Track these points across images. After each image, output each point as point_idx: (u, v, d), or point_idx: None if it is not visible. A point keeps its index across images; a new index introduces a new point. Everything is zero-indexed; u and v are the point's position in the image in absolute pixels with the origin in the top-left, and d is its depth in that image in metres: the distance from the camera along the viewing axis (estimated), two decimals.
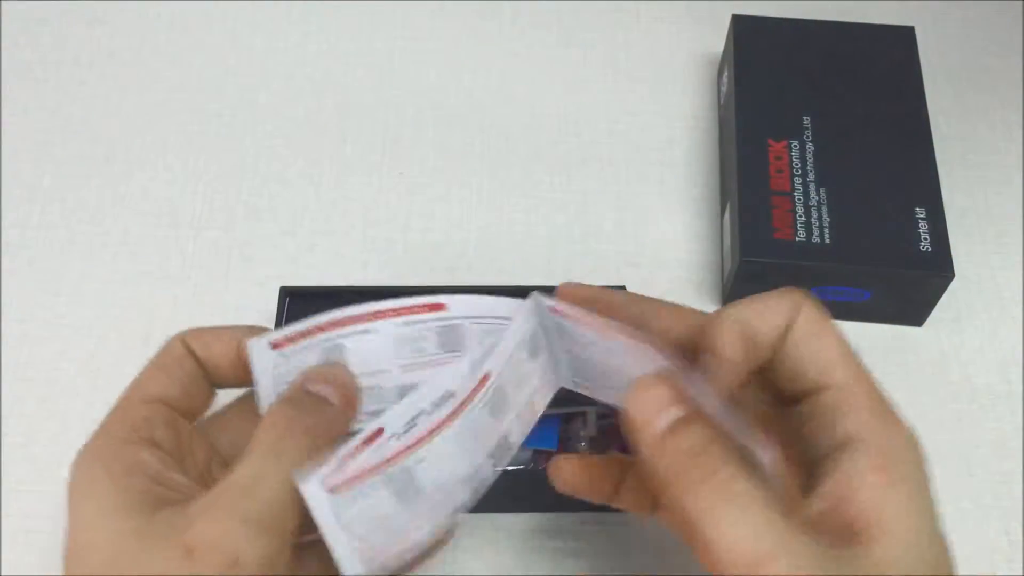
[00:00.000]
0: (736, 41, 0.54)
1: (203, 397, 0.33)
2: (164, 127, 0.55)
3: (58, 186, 0.52)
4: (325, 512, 0.28)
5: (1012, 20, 0.61)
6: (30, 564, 0.41)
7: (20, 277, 0.49)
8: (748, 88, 0.52)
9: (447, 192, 0.53)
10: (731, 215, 0.49)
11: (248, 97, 0.56)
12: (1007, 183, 0.54)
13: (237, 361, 0.33)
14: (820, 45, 0.53)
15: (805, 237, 0.46)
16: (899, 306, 0.48)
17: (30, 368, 0.46)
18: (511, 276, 0.50)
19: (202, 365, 0.33)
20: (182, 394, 0.32)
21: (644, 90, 0.58)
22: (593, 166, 0.55)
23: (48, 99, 0.56)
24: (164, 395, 0.32)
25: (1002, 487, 0.45)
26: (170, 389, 0.32)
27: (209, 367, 0.33)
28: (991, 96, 0.58)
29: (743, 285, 0.47)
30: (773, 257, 0.46)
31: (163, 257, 0.50)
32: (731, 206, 0.49)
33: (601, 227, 0.52)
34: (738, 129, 0.50)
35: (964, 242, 0.52)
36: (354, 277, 0.50)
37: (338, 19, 0.60)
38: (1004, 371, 0.48)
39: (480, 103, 0.57)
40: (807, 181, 0.48)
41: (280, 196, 0.53)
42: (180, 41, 0.58)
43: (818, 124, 0.50)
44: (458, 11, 0.61)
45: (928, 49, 0.58)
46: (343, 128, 0.55)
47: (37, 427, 0.45)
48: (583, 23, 0.61)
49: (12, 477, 0.43)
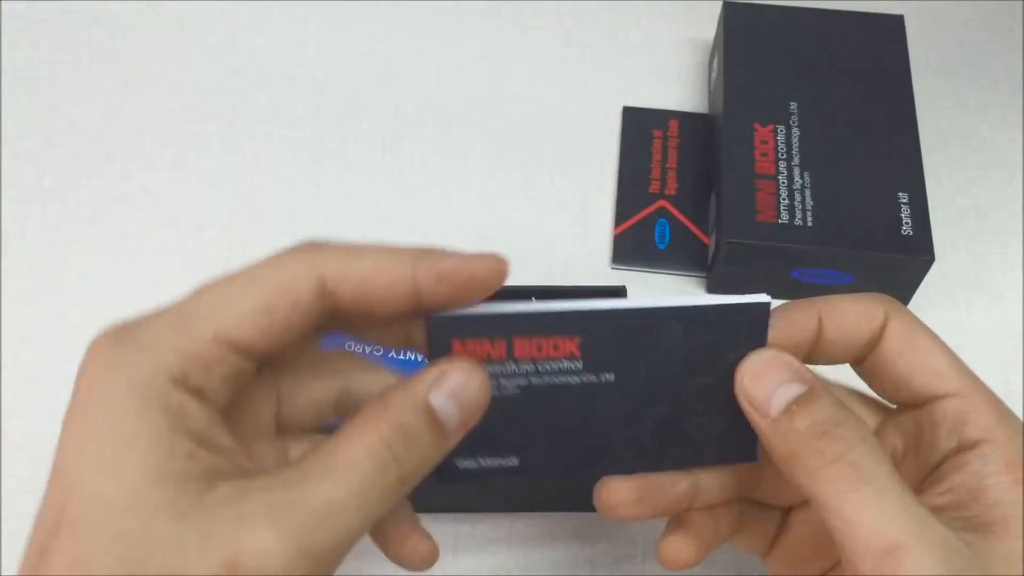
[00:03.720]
0: (726, 28, 0.54)
1: (298, 344, 0.26)
2: (164, 127, 0.55)
3: (58, 186, 0.52)
4: None
5: (1011, 17, 0.61)
6: None
7: (20, 277, 0.49)
8: (736, 73, 0.52)
9: (447, 192, 0.53)
10: (715, 197, 0.50)
11: (248, 97, 0.56)
12: (1008, 182, 0.55)
13: (409, 300, 0.26)
14: (809, 33, 0.54)
15: (788, 220, 0.47)
16: (881, 290, 0.48)
17: (30, 368, 0.46)
18: (511, 276, 0.50)
19: (334, 302, 0.26)
20: (273, 341, 0.25)
21: (644, 89, 0.58)
22: (593, 165, 0.55)
23: (48, 99, 0.56)
24: (249, 342, 0.25)
25: None
26: (261, 335, 0.25)
27: (348, 307, 0.26)
28: (990, 94, 0.58)
29: (725, 266, 0.48)
30: (755, 238, 0.47)
31: (163, 257, 0.50)
32: (715, 189, 0.50)
33: (601, 226, 0.52)
34: (725, 113, 0.51)
35: (965, 242, 0.52)
36: None
37: (338, 19, 0.60)
38: (985, 356, 0.48)
39: (480, 103, 0.57)
40: (791, 165, 0.49)
41: (280, 196, 0.53)
42: (180, 41, 0.58)
43: (805, 110, 0.51)
44: (458, 11, 0.61)
45: (928, 48, 0.58)
46: (343, 128, 0.55)
47: (37, 427, 0.45)
48: (583, 23, 0.61)
49: (12, 477, 0.43)
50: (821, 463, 0.26)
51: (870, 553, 0.25)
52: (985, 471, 0.27)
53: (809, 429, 0.27)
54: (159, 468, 0.22)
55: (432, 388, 0.26)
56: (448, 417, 0.26)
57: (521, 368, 0.29)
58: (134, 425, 0.23)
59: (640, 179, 0.54)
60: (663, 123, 0.56)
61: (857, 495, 0.25)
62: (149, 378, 0.23)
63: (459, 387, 0.26)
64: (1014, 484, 0.27)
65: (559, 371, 0.29)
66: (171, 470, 0.23)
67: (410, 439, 0.25)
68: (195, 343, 0.24)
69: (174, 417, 0.23)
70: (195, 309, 0.25)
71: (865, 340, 0.30)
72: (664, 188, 0.53)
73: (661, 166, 0.54)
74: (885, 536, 0.25)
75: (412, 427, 0.25)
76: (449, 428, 0.26)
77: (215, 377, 0.24)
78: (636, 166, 0.54)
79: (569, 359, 0.29)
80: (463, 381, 0.26)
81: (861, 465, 0.26)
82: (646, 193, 0.53)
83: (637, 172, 0.54)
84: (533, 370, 0.29)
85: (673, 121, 0.56)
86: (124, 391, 0.23)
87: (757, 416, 0.28)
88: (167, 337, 0.24)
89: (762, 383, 0.28)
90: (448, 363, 0.27)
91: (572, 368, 0.29)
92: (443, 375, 0.26)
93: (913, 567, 0.24)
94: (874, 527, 0.25)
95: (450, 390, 0.26)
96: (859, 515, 0.25)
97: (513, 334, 0.28)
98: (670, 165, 0.54)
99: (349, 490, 0.24)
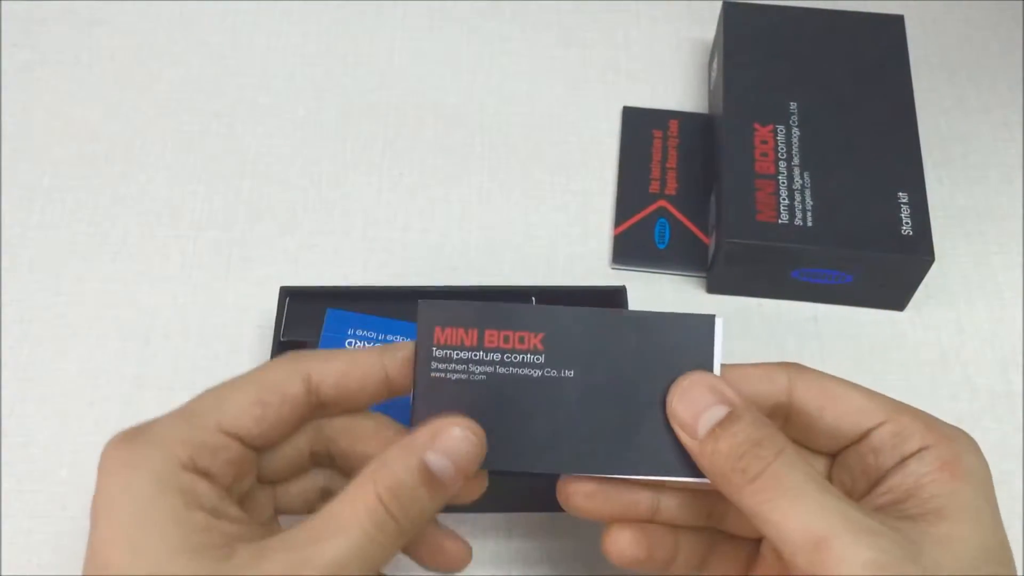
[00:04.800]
0: (726, 28, 0.54)
1: (289, 433, 0.31)
2: (164, 127, 0.55)
3: (58, 186, 0.52)
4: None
5: (1011, 17, 0.61)
6: (30, 564, 0.41)
7: (20, 277, 0.49)
8: (736, 73, 0.52)
9: (447, 192, 0.53)
10: (715, 197, 0.50)
11: (248, 97, 0.56)
12: (1008, 182, 0.54)
13: (381, 386, 0.31)
14: (809, 32, 0.54)
15: (788, 219, 0.47)
16: (881, 290, 0.49)
17: (30, 368, 0.46)
18: (511, 276, 0.50)
19: (318, 397, 0.30)
20: (268, 431, 0.29)
21: (644, 89, 0.58)
22: (593, 165, 0.55)
23: (48, 99, 0.56)
24: (248, 433, 0.29)
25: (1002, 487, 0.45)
26: (257, 426, 0.29)
27: (330, 399, 0.30)
28: (990, 94, 0.58)
29: (725, 266, 0.48)
30: (755, 239, 0.47)
31: (163, 257, 0.50)
32: (715, 189, 0.50)
33: (601, 226, 0.52)
34: (725, 113, 0.51)
35: (965, 242, 0.52)
36: (354, 277, 0.50)
37: (338, 19, 0.60)
38: (985, 356, 0.48)
39: (480, 103, 0.57)
40: (791, 165, 0.49)
41: (280, 196, 0.53)
42: (180, 41, 0.58)
43: (804, 109, 0.51)
44: (458, 11, 0.61)
45: (928, 48, 0.58)
46: (343, 128, 0.55)
47: (37, 427, 0.45)
48: (583, 23, 0.61)
49: (12, 477, 0.43)
50: (745, 480, 0.28)
51: (800, 550, 0.26)
52: (921, 471, 0.29)
53: (731, 450, 0.28)
54: (181, 541, 0.26)
55: (427, 448, 0.28)
56: (443, 471, 0.28)
57: (489, 356, 0.31)
58: (154, 507, 0.26)
59: (640, 179, 0.54)
60: (663, 123, 0.56)
61: (781, 502, 0.27)
62: (162, 466, 0.27)
63: (453, 447, 0.29)
64: (950, 479, 0.29)
65: (523, 363, 0.31)
66: (191, 541, 0.26)
67: (406, 497, 0.28)
68: (200, 433, 0.28)
69: (188, 496, 0.27)
70: (199, 407, 0.29)
71: (771, 406, 0.32)
72: (664, 188, 0.53)
73: (661, 166, 0.54)
74: (810, 531, 0.26)
75: (408, 485, 0.28)
76: (445, 482, 0.29)
77: (219, 461, 0.28)
78: (636, 166, 0.54)
79: (533, 352, 0.32)
80: (456, 443, 0.29)
81: (780, 475, 0.28)
82: (646, 193, 0.53)
83: (637, 172, 0.54)
84: (500, 359, 0.31)
85: (673, 121, 0.56)
86: (142, 479, 0.26)
87: (686, 437, 0.30)
88: (175, 432, 0.28)
89: (690, 405, 0.30)
90: (443, 423, 0.29)
91: (535, 361, 0.32)
92: (438, 434, 0.29)
93: (841, 555, 0.26)
94: (799, 526, 0.27)
95: (444, 449, 0.28)
96: (784, 519, 0.27)
97: (485, 326, 0.31)
98: (670, 165, 0.54)
99: (351, 548, 0.27)
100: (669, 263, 0.51)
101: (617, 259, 0.51)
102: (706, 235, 0.51)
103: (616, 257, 0.51)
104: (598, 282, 0.50)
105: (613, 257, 0.51)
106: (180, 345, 0.47)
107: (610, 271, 0.51)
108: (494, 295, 0.45)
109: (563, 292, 0.47)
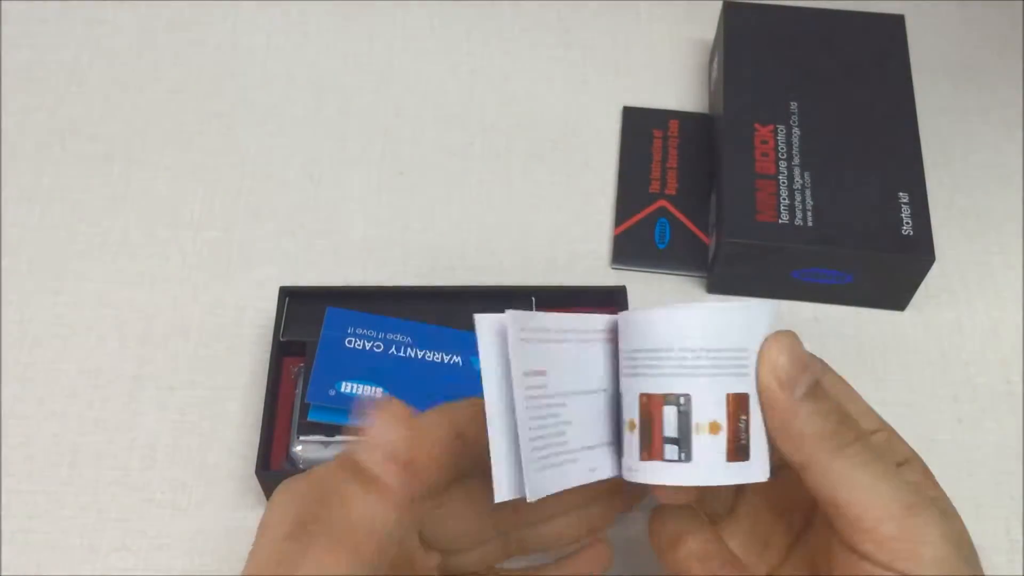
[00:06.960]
0: (726, 28, 0.54)
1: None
2: (164, 127, 0.55)
3: (58, 186, 0.52)
4: None
5: (1011, 17, 0.61)
6: (30, 564, 0.41)
7: (20, 277, 0.49)
8: (737, 73, 0.52)
9: (447, 192, 0.53)
10: (715, 197, 0.50)
11: (248, 97, 0.56)
12: (1008, 182, 0.54)
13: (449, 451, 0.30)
14: (809, 32, 0.54)
15: (788, 219, 0.47)
16: (881, 290, 0.49)
17: (30, 368, 0.46)
18: (511, 276, 0.50)
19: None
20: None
21: (644, 89, 0.58)
22: (593, 165, 0.55)
23: (48, 99, 0.56)
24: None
25: (1002, 487, 0.45)
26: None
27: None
28: (990, 94, 0.58)
29: (725, 266, 0.48)
30: (755, 238, 0.47)
31: (163, 257, 0.50)
32: (716, 189, 0.50)
33: (601, 226, 0.52)
34: (725, 113, 0.51)
35: (965, 242, 0.52)
36: (354, 277, 0.50)
37: (338, 19, 0.60)
38: (985, 356, 0.48)
39: (480, 103, 0.57)
40: (792, 165, 0.49)
41: (280, 196, 0.53)
42: (180, 41, 0.58)
43: (805, 109, 0.51)
44: (458, 11, 0.61)
45: (928, 48, 0.58)
46: (343, 128, 0.55)
47: (37, 427, 0.45)
48: (583, 23, 0.61)
49: (12, 477, 0.43)
50: (843, 443, 0.29)
51: (890, 516, 0.28)
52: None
53: (831, 412, 0.29)
54: None
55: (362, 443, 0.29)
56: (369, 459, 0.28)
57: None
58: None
59: (640, 179, 0.54)
60: (663, 123, 0.56)
61: (875, 468, 0.29)
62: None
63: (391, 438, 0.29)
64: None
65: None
66: None
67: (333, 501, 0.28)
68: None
69: None
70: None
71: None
72: (664, 188, 0.53)
73: (661, 166, 0.54)
74: (902, 498, 0.28)
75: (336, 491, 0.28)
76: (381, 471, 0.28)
77: None
78: (636, 166, 0.54)
79: None
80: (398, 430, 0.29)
81: (871, 447, 0.29)
82: (646, 193, 0.53)
83: (637, 172, 0.54)
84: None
85: (673, 121, 0.56)
86: None
87: (782, 393, 0.29)
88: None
89: (796, 361, 0.29)
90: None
91: None
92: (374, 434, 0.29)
93: (928, 521, 0.28)
94: (890, 489, 0.28)
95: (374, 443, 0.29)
96: (875, 481, 0.28)
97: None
98: (670, 165, 0.54)
99: None
100: (669, 263, 0.51)
101: (617, 259, 0.51)
102: (706, 235, 0.51)
103: (616, 257, 0.51)
104: (598, 282, 0.50)
105: (613, 257, 0.51)
106: (180, 345, 0.47)
107: (610, 271, 0.51)
108: (494, 295, 0.45)
109: (563, 292, 0.47)
